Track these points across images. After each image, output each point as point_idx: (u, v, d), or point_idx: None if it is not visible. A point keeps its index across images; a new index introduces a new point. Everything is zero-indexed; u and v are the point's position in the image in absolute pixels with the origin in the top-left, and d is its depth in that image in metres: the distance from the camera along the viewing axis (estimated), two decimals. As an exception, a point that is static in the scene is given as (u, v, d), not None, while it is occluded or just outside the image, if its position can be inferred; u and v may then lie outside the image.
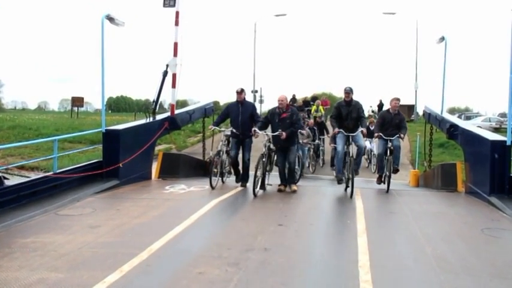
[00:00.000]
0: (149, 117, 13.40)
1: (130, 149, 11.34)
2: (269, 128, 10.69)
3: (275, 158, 10.71)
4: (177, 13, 13.39)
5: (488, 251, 6.53)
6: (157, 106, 13.86)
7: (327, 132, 18.79)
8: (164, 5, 13.50)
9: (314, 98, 32.47)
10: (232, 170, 11.66)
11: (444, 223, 8.12)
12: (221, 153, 10.99)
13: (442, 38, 14.02)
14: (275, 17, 44.31)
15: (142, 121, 13.60)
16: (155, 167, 13.14)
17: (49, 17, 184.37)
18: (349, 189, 10.09)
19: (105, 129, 11.31)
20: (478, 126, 16.06)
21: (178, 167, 13.79)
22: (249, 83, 46.16)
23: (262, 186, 10.07)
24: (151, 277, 5.19)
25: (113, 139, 11.21)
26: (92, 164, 11.00)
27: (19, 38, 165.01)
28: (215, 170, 10.88)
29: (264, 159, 9.94)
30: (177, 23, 13.45)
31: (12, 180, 10.26)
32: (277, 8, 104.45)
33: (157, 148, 17.25)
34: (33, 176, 13.50)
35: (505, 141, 9.91)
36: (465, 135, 11.97)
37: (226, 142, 11.04)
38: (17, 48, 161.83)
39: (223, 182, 11.26)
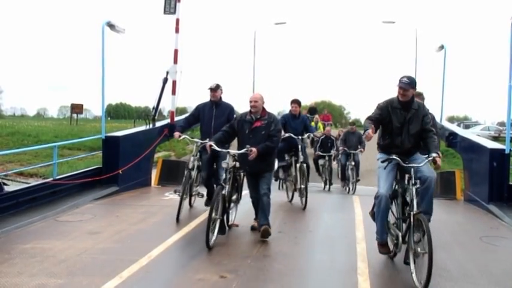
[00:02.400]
0: (149, 124, 13.41)
1: (129, 156, 11.34)
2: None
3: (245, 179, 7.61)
4: (178, 20, 13.45)
5: (486, 259, 6.53)
6: (157, 113, 13.88)
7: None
8: (165, 12, 13.56)
9: (312, 109, 28.03)
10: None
11: (443, 231, 8.10)
12: (192, 172, 8.29)
13: (442, 47, 14.07)
14: (275, 25, 44.34)
15: (142, 128, 13.62)
16: (155, 174, 13.15)
17: (49, 24, 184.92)
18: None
19: (105, 136, 11.32)
20: (477, 135, 16.08)
21: (178, 174, 13.77)
22: (248, 90, 46.23)
23: (222, 230, 6.83)
24: (151, 283, 5.20)
25: (113, 145, 11.23)
26: (92, 171, 11.00)
27: (19, 45, 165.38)
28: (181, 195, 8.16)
29: (222, 193, 6.72)
30: (177, 30, 13.50)
31: (11, 187, 10.26)
32: (277, 16, 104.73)
33: (156, 155, 17.24)
34: (33, 182, 13.49)
35: (503, 150, 9.94)
36: (464, 143, 11.99)
37: (199, 156, 8.39)
38: (16, 54, 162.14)
39: (190, 205, 8.94)
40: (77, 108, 47.04)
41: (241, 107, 11.40)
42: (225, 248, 6.52)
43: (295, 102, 10.15)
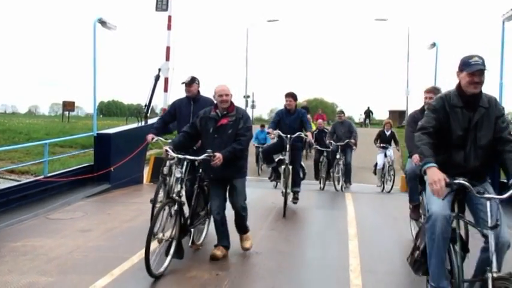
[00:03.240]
0: (141, 121, 13.38)
1: (121, 153, 11.30)
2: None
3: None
4: (170, 17, 13.45)
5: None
6: (149, 110, 13.85)
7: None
8: (157, 9, 13.55)
9: (304, 109, 24.91)
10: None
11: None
12: (171, 185, 5.83)
13: (433, 44, 14.14)
14: (267, 23, 44.36)
15: (134, 125, 13.58)
16: (147, 171, 13.12)
17: (39, 21, 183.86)
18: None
19: (97, 133, 11.28)
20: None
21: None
22: (241, 88, 46.27)
23: (178, 254, 5.54)
24: (142, 281, 5.17)
25: (105, 143, 11.19)
26: (83, 168, 10.96)
27: (9, 41, 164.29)
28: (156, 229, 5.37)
29: (174, 209, 5.44)
30: (169, 27, 13.50)
31: (2, 184, 10.20)
32: (270, 14, 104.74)
33: (149, 152, 17.19)
34: (24, 179, 13.42)
35: (494, 147, 9.96)
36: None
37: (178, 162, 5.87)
38: (6, 51, 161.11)
39: (192, 244, 6.14)
40: (68, 106, 46.79)
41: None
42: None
43: (290, 95, 9.01)
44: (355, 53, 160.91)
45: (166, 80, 13.51)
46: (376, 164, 14.90)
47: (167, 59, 13.50)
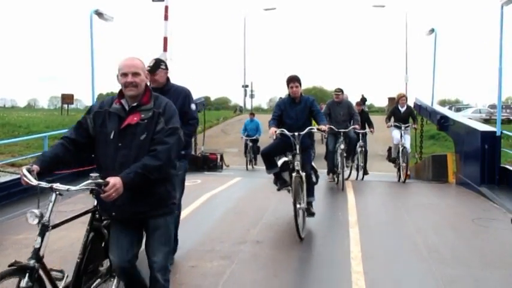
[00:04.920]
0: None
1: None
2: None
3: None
4: (166, 7, 13.38)
5: (479, 240, 6.58)
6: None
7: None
8: (153, 0, 13.47)
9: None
10: None
11: (435, 214, 8.16)
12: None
13: (432, 30, 14.10)
14: (265, 11, 44.27)
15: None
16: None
17: (37, 13, 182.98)
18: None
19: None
20: (468, 118, 16.16)
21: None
22: (239, 77, 46.20)
23: None
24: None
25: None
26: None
27: (7, 35, 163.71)
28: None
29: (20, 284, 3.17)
30: (166, 18, 13.43)
31: (3, 178, 10.21)
32: (267, 2, 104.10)
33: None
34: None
35: (495, 132, 9.98)
36: (456, 126, 12.03)
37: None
38: (5, 45, 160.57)
39: None
40: (67, 99, 46.72)
41: (235, 96, 11.35)
42: (218, 235, 6.52)
43: (295, 79, 6.97)
44: (353, 40, 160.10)
45: (164, 70, 13.46)
46: (390, 148, 12.77)
47: (164, 49, 13.44)
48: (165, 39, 13.41)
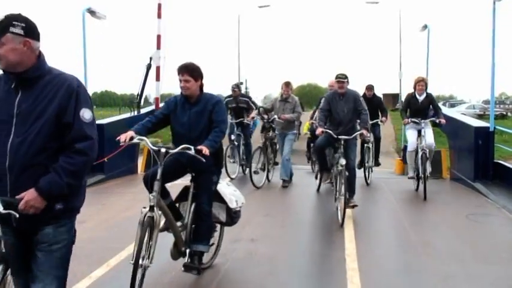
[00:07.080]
0: (134, 111, 13.31)
1: (115, 143, 11.21)
2: None
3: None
4: (159, 5, 13.30)
5: (473, 236, 6.61)
6: (142, 100, 13.77)
7: None
8: (146, -3, 13.40)
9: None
10: None
11: (430, 210, 8.18)
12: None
13: (425, 26, 14.11)
14: (259, 8, 44.09)
15: (127, 115, 13.51)
16: (141, 161, 13.08)
17: (29, 12, 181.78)
18: None
19: (90, 124, 11.20)
20: (462, 114, 16.20)
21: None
22: (234, 75, 46.08)
23: None
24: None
25: (98, 133, 11.11)
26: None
27: None
28: None
29: None
30: (159, 16, 13.36)
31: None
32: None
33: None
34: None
35: (488, 128, 10.02)
36: (449, 122, 12.05)
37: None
38: None
39: None
40: (61, 97, 46.56)
41: (229, 93, 11.32)
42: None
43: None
44: (347, 37, 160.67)
45: (158, 68, 13.39)
46: (405, 147, 10.57)
47: (158, 47, 13.37)
48: (159, 37, 13.34)
